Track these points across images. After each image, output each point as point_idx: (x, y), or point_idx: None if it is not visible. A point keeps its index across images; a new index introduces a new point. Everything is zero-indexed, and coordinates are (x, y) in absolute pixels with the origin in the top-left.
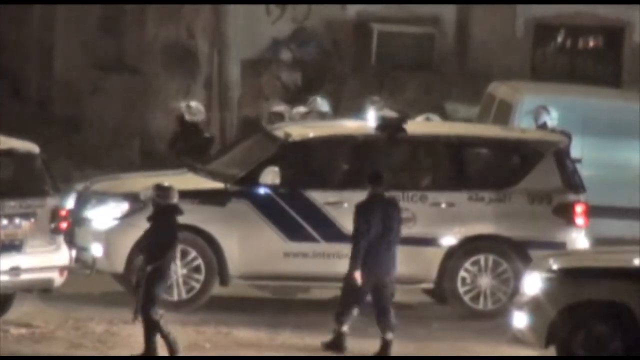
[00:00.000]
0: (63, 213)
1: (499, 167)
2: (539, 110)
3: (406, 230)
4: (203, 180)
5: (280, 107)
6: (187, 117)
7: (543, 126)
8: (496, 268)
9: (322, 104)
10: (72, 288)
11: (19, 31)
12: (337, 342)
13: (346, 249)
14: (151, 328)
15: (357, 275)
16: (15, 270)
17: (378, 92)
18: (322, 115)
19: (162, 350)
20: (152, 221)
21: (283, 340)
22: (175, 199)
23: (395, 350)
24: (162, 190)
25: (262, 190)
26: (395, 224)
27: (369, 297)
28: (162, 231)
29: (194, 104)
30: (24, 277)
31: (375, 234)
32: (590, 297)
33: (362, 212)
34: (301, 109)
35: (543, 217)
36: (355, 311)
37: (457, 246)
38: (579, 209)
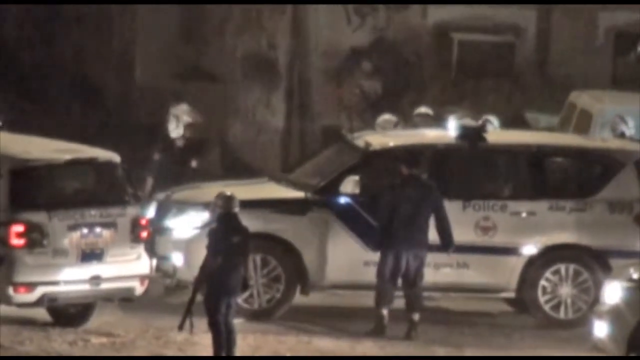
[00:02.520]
0: (143, 222)
1: (579, 176)
2: (615, 120)
3: (487, 239)
4: (284, 190)
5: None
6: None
7: (621, 136)
8: (577, 277)
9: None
10: (152, 297)
11: (101, 41)
12: (378, 327)
13: (427, 258)
14: (215, 334)
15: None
16: (96, 280)
17: (458, 102)
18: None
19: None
20: (214, 229)
21: (364, 349)
22: (236, 208)
23: None
24: (222, 200)
25: (342, 200)
26: (427, 205)
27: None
28: (219, 239)
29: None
30: (105, 286)
31: (406, 213)
32: None
33: (392, 191)
34: (391, 117)
35: (624, 226)
36: (393, 294)
37: (537, 255)
38: None
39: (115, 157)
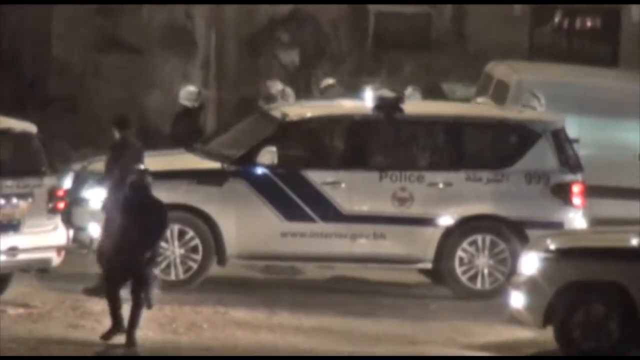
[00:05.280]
0: (60, 193)
1: (496, 147)
2: (527, 97)
3: (404, 210)
4: (201, 160)
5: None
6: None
7: None
8: (493, 248)
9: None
10: (69, 268)
11: (17, 11)
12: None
13: (343, 229)
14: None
15: None
16: (12, 250)
17: (375, 72)
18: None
19: (154, 328)
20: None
21: (280, 320)
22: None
23: (393, 331)
24: (144, 173)
25: (259, 170)
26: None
27: None
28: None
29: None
30: (21, 257)
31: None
32: (588, 277)
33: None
34: (330, 80)
35: (540, 197)
36: None
37: (454, 226)
38: (576, 188)
39: (32, 128)
